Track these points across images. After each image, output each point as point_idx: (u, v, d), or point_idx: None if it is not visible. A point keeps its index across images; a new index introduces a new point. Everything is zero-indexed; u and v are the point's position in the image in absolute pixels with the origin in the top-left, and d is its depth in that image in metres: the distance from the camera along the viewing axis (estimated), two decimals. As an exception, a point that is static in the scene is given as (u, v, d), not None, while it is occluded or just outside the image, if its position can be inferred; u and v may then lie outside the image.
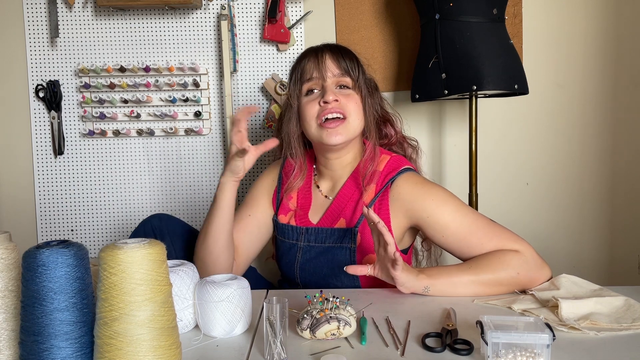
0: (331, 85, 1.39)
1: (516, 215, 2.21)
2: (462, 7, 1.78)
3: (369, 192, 1.38)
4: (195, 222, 2.19)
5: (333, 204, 1.43)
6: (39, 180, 2.18)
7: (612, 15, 2.16)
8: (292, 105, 1.44)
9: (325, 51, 1.42)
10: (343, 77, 1.40)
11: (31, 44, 2.14)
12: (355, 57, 1.45)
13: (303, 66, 1.42)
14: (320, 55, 1.41)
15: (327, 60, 1.40)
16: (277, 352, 0.91)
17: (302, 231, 1.43)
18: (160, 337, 0.83)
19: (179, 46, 2.15)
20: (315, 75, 1.39)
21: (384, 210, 1.36)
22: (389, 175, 1.38)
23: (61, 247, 0.85)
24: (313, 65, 1.40)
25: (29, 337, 0.84)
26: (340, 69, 1.40)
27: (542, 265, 1.26)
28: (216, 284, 1.03)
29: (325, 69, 1.39)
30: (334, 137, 1.36)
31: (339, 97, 1.38)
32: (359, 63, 1.44)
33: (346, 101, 1.38)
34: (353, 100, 1.39)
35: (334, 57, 1.41)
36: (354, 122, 1.39)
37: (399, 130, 1.56)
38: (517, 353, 0.87)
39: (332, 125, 1.36)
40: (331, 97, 1.36)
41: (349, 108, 1.38)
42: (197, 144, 2.19)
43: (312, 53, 1.43)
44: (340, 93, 1.39)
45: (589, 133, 2.20)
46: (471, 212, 1.33)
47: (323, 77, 1.39)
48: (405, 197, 1.35)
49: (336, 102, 1.37)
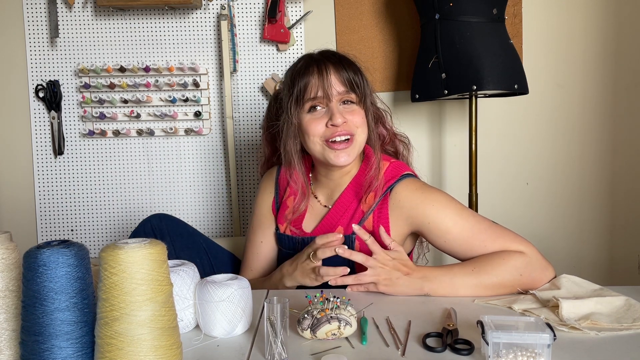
0: (337, 104, 1.32)
1: (516, 215, 2.21)
2: (462, 7, 1.78)
3: (368, 200, 1.36)
4: (195, 222, 2.19)
5: (330, 213, 1.40)
6: (39, 180, 2.18)
7: (612, 15, 2.16)
8: (292, 122, 1.35)
9: (329, 66, 1.32)
10: (348, 94, 1.33)
11: (31, 44, 2.14)
12: (357, 67, 1.37)
13: (306, 83, 1.32)
14: (324, 70, 1.32)
15: (331, 77, 1.31)
16: (277, 352, 0.91)
17: (299, 240, 1.41)
18: (161, 337, 0.83)
19: (179, 46, 2.15)
20: (320, 94, 1.31)
21: (384, 218, 1.34)
22: (388, 182, 1.35)
23: (62, 247, 0.85)
24: (317, 83, 1.31)
25: (30, 337, 0.84)
26: (345, 86, 1.32)
27: (546, 266, 1.25)
28: (217, 284, 1.02)
29: (330, 86, 1.31)
30: (342, 158, 1.32)
31: (345, 115, 1.32)
32: (361, 74, 1.36)
33: (352, 118, 1.32)
34: (358, 116, 1.34)
35: (337, 72, 1.32)
36: (359, 138, 1.34)
37: (390, 128, 1.51)
38: (517, 353, 0.86)
39: (341, 147, 1.32)
40: (340, 120, 1.30)
41: (355, 125, 1.33)
42: (197, 144, 2.18)
43: (313, 66, 1.33)
44: (345, 110, 1.33)
45: (589, 133, 2.20)
46: (472, 216, 1.31)
47: (328, 97, 1.31)
48: (405, 204, 1.33)
49: (345, 123, 1.32)
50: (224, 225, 2.22)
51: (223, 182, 2.20)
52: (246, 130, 2.18)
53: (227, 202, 2.20)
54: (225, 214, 2.21)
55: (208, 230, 2.21)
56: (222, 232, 2.22)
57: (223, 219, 2.21)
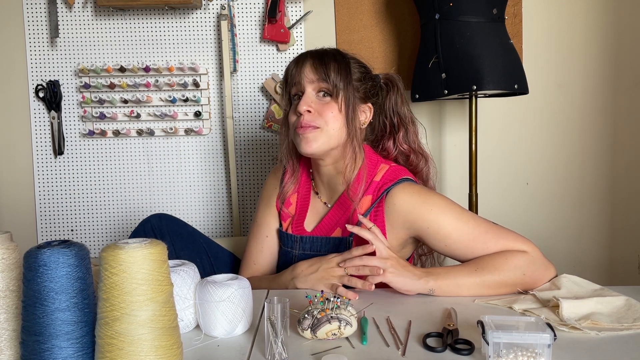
0: (310, 93, 1.33)
1: (516, 215, 2.21)
2: (462, 7, 1.78)
3: (364, 203, 1.35)
4: (195, 222, 2.19)
5: (330, 213, 1.40)
6: (39, 180, 2.18)
7: (612, 15, 2.16)
8: (285, 110, 1.40)
9: (308, 57, 1.35)
10: (320, 83, 1.32)
11: (31, 44, 2.14)
12: (342, 62, 1.35)
13: (290, 70, 1.36)
14: (302, 60, 1.35)
15: (306, 66, 1.33)
16: (278, 352, 0.91)
17: (297, 239, 1.41)
18: (161, 337, 0.83)
19: (179, 46, 2.15)
20: (296, 81, 1.34)
21: (380, 222, 1.33)
22: (384, 185, 1.34)
23: (62, 247, 0.85)
24: (295, 72, 1.34)
25: (30, 337, 0.84)
26: (316, 74, 1.32)
27: (548, 265, 1.25)
28: (217, 284, 1.02)
29: (302, 73, 1.33)
30: (305, 145, 1.32)
31: (318, 105, 1.32)
32: (345, 68, 1.34)
33: (322, 110, 1.32)
34: (330, 109, 1.32)
35: (313, 62, 1.33)
36: (331, 131, 1.32)
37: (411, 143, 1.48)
38: (518, 353, 0.86)
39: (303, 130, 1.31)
40: (303, 108, 1.31)
41: (324, 119, 1.31)
42: (197, 144, 2.18)
43: (298, 58, 1.37)
44: (319, 102, 1.33)
45: (589, 133, 2.20)
46: (472, 218, 1.30)
47: (300, 83, 1.33)
48: (402, 209, 1.30)
49: (309, 112, 1.31)
50: (224, 226, 2.22)
51: (223, 182, 2.20)
52: (246, 130, 2.18)
53: (227, 202, 2.20)
54: (225, 214, 2.21)
55: (208, 230, 2.21)
56: (222, 232, 2.22)
57: (223, 219, 2.21)
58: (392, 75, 1.49)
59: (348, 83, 1.33)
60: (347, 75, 1.33)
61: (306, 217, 1.44)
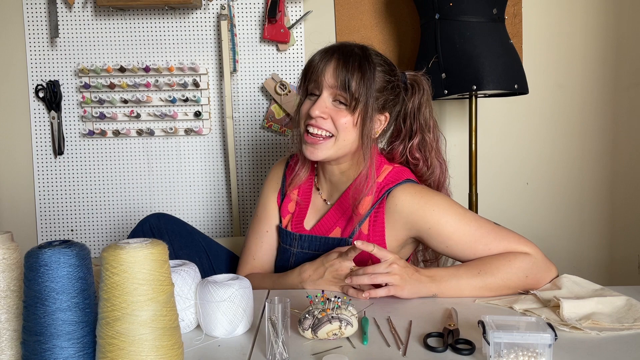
0: (326, 98, 1.28)
1: (516, 215, 2.21)
2: (462, 7, 1.78)
3: (364, 204, 1.34)
4: (195, 222, 2.19)
5: (330, 212, 1.39)
6: (39, 180, 2.18)
7: (612, 16, 2.16)
8: (301, 99, 1.35)
9: (334, 57, 1.28)
10: (338, 92, 1.27)
11: (31, 44, 2.14)
12: (368, 71, 1.27)
13: (312, 64, 1.30)
14: (327, 59, 1.28)
15: (329, 66, 1.28)
16: (279, 352, 0.91)
17: (296, 237, 1.40)
18: (162, 337, 0.83)
19: (179, 46, 2.15)
20: (316, 78, 1.29)
21: (379, 223, 1.32)
22: (386, 186, 1.32)
23: (63, 247, 0.85)
24: (317, 67, 1.29)
25: (31, 337, 0.84)
26: (336, 82, 1.26)
27: (549, 266, 1.25)
28: (218, 284, 1.02)
29: (323, 75, 1.28)
30: (310, 154, 1.30)
31: (331, 112, 1.28)
32: (369, 82, 1.27)
33: (336, 117, 1.28)
34: (344, 117, 1.28)
35: (337, 67, 1.27)
36: (341, 142, 1.29)
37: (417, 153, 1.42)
38: (518, 353, 0.87)
39: (312, 140, 1.29)
40: (316, 112, 1.27)
41: (336, 126, 1.28)
42: (197, 144, 2.18)
43: (326, 51, 1.30)
44: (334, 108, 1.29)
45: (589, 133, 2.20)
46: (474, 219, 1.28)
47: (318, 83, 1.29)
48: (404, 209, 1.29)
49: (322, 119, 1.28)
50: (223, 225, 2.22)
51: (223, 182, 2.20)
52: (246, 130, 2.18)
53: (227, 202, 2.20)
54: (225, 214, 2.21)
55: (208, 230, 2.21)
56: (222, 232, 2.22)
57: (223, 219, 2.21)
58: (419, 77, 1.41)
59: (369, 96, 1.27)
60: (369, 87, 1.27)
61: (306, 215, 1.43)
